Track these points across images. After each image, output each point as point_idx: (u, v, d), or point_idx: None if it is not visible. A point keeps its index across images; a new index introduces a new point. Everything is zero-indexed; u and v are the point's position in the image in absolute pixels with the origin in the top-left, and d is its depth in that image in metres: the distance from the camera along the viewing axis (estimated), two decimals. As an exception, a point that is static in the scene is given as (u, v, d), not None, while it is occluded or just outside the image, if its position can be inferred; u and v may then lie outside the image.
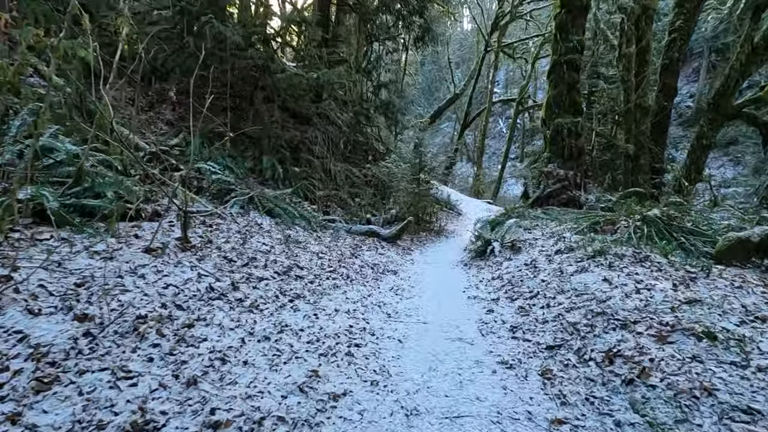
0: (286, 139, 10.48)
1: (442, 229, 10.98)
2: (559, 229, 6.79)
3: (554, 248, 5.66)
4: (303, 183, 9.87)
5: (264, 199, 6.66)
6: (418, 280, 5.37)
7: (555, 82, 9.82)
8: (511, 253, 6.12)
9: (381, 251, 6.65)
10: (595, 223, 6.45)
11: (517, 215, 8.87)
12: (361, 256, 5.91)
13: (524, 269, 5.09)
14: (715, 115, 13.76)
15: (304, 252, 5.11)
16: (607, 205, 8.46)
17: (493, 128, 29.22)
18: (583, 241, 5.53)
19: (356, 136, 13.26)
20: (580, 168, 9.50)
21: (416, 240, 9.20)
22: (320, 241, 6.05)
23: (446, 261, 6.91)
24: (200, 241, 4.27)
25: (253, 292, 3.61)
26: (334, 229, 7.77)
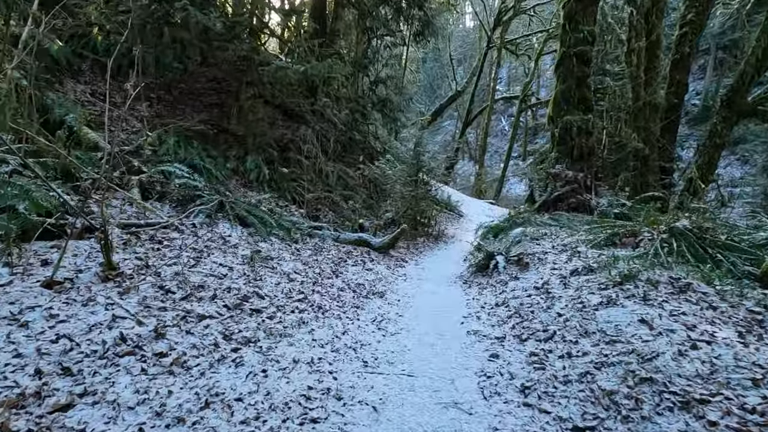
0: (274, 137, 9.55)
1: (441, 233, 10.03)
2: (571, 240, 5.83)
3: (568, 266, 4.71)
4: (291, 185, 8.96)
5: (237, 206, 5.73)
6: (409, 305, 4.43)
7: (563, 77, 8.82)
8: (517, 270, 5.17)
9: (369, 265, 5.71)
10: (614, 235, 5.49)
11: (522, 221, 7.90)
12: (344, 273, 4.97)
13: (534, 294, 4.13)
14: (728, 113, 12.72)
15: (273, 273, 4.18)
16: (622, 211, 7.49)
17: (495, 126, 28.18)
18: (604, 260, 4.58)
19: (352, 134, 12.33)
20: (590, 169, 8.52)
21: (412, 247, 8.25)
22: (298, 255, 5.12)
23: (444, 276, 5.97)
24: (134, 266, 3.35)
25: (185, 339, 2.69)
26: (321, 237, 6.84)
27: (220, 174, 7.70)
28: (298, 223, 7.07)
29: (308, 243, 5.95)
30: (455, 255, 7.82)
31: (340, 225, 8.90)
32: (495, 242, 7.54)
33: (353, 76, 13.03)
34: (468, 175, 25.96)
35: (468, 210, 14.61)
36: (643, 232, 5.39)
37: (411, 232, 9.17)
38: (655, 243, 5.05)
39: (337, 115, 12.47)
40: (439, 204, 13.55)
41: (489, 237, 7.90)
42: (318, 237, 6.80)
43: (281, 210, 8.21)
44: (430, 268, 6.52)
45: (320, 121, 11.93)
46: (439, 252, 8.21)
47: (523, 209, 8.77)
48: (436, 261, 7.19)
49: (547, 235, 6.41)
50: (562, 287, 4.08)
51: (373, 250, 6.74)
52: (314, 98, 10.49)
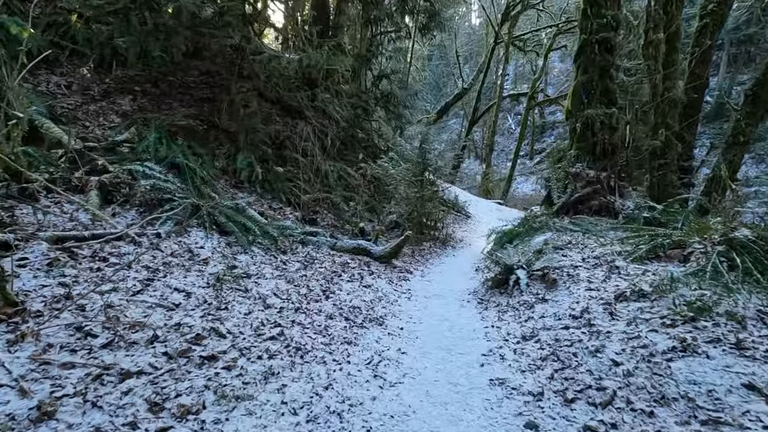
0: (269, 134, 8.65)
1: (448, 237, 9.08)
2: (603, 251, 4.87)
3: (609, 286, 3.76)
4: (286, 185, 8.06)
5: (216, 211, 4.83)
6: (414, 335, 3.49)
7: (584, 66, 7.82)
8: (543, 288, 4.22)
9: (368, 279, 4.79)
10: (656, 246, 4.53)
11: (540, 225, 6.94)
12: (336, 293, 4.04)
13: (573, 327, 3.18)
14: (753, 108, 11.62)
15: (245, 297, 3.27)
16: (653, 215, 6.50)
17: (502, 125, 27.12)
18: (654, 279, 3.62)
19: (355, 131, 11.41)
20: (613, 168, 7.53)
21: (417, 253, 7.32)
22: (283, 270, 4.21)
23: (454, 292, 5.03)
24: (50, 298, 2.45)
25: (86, 418, 1.79)
26: (315, 245, 5.93)
27: (206, 173, 6.81)
28: (291, 229, 6.17)
29: (299, 253, 5.04)
30: (465, 263, 6.87)
31: (339, 228, 8.01)
32: (511, 250, 6.59)
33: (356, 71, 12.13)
34: (474, 174, 24.93)
35: (476, 211, 13.64)
36: (692, 243, 4.43)
37: (417, 236, 8.24)
38: (711, 257, 4.08)
39: (339, 111, 11.57)
40: (446, 205, 12.61)
41: (503, 244, 6.95)
42: (312, 244, 5.90)
43: (274, 213, 7.33)
44: (438, 281, 5.58)
45: (321, 117, 11.03)
46: (447, 260, 7.26)
47: (539, 212, 7.80)
48: (445, 271, 6.25)
49: (572, 244, 5.45)
50: (608, 318, 3.13)
51: (373, 259, 5.82)
52: (313, 92, 9.56)
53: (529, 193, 23.23)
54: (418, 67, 26.70)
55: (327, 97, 11.49)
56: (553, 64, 26.87)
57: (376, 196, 9.77)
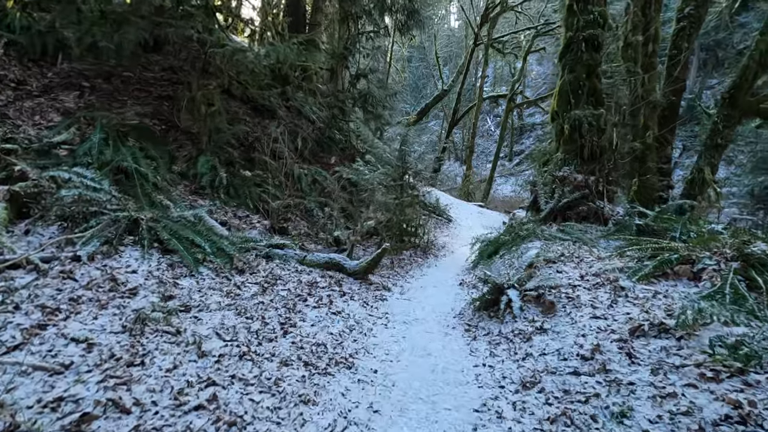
0: (236, 135, 7.84)
1: (429, 244, 8.43)
2: (602, 266, 4.27)
3: (618, 314, 3.14)
4: (254, 191, 7.27)
5: (159, 226, 4.02)
6: (390, 383, 2.78)
7: (571, 65, 7.26)
8: (540, 313, 3.58)
9: (339, 303, 4.06)
10: (663, 262, 3.94)
11: (527, 233, 6.33)
12: (298, 325, 3.30)
13: (584, 373, 2.53)
14: (731, 111, 11.36)
15: (174, 342, 2.50)
16: (646, 222, 5.97)
17: (482, 127, 26.71)
18: (673, 308, 3.02)
19: (332, 132, 10.66)
20: (602, 172, 6.99)
21: (397, 264, 6.63)
22: (236, 296, 3.45)
23: (437, 314, 4.34)
24: None
25: None
26: (282, 259, 5.18)
27: (161, 179, 5.98)
28: (254, 241, 5.40)
29: (259, 272, 4.27)
30: (449, 276, 6.21)
31: (313, 237, 7.26)
32: (497, 262, 5.96)
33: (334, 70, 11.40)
34: (455, 176, 24.43)
35: (457, 214, 13.05)
36: (702, 259, 3.86)
37: (396, 245, 7.55)
38: (727, 276, 3.51)
39: (315, 111, 10.81)
40: (427, 209, 11.97)
41: (489, 254, 6.32)
42: (278, 259, 5.14)
43: (239, 222, 6.53)
44: (419, 299, 4.89)
45: (295, 117, 10.25)
46: (429, 271, 6.59)
47: (526, 218, 7.20)
48: (427, 286, 5.57)
49: (565, 256, 4.83)
50: (626, 362, 2.49)
51: (347, 275, 5.10)
52: (287, 91, 8.77)
53: (510, 195, 22.85)
54: (398, 68, 26.06)
55: (302, 97, 10.73)
56: (531, 67, 26.62)
57: (353, 201, 9.05)
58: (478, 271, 5.72)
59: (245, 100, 9.16)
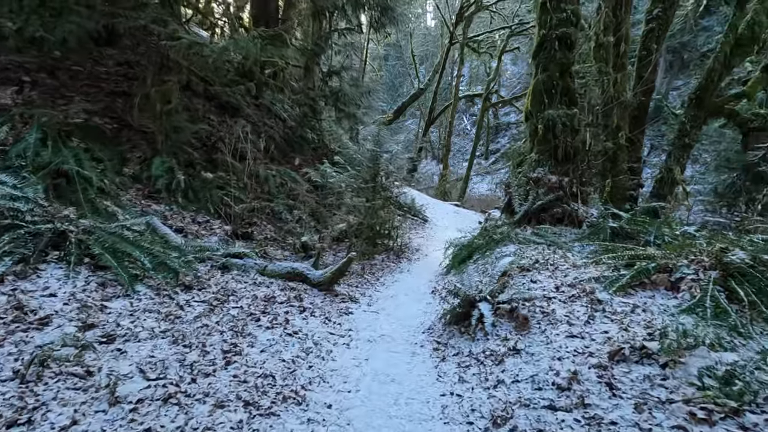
0: (197, 134, 7.33)
1: (403, 247, 8.09)
2: (578, 275, 4.00)
3: (594, 332, 2.85)
4: (216, 194, 6.78)
5: (93, 238, 3.53)
6: (345, 422, 2.40)
7: (544, 64, 7.02)
8: (513, 330, 3.27)
9: (297, 321, 3.66)
10: (640, 272, 3.70)
11: (501, 237, 6.06)
12: (245, 353, 2.88)
13: (561, 408, 2.21)
14: (697, 112, 11.46)
15: (80, 386, 2.06)
16: (621, 225, 5.77)
17: (458, 126, 26.57)
18: (654, 326, 2.75)
19: (304, 131, 10.20)
20: (576, 173, 6.79)
21: (368, 270, 6.26)
22: (176, 319, 3.01)
23: (406, 329, 3.99)
24: None
25: None
26: (241, 269, 4.74)
27: (108, 183, 5.45)
28: (211, 250, 4.94)
29: (210, 287, 3.83)
30: (421, 282, 5.89)
31: (280, 242, 6.83)
32: (470, 268, 5.66)
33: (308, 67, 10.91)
34: (431, 174, 24.21)
35: (433, 214, 12.77)
36: (680, 267, 3.62)
37: (368, 249, 7.18)
38: (707, 287, 3.27)
39: (288, 110, 10.32)
40: (402, 209, 11.64)
41: (463, 259, 6.02)
42: (236, 270, 4.70)
43: (198, 228, 6.05)
44: (388, 310, 4.53)
45: (265, 116, 9.75)
46: (402, 276, 6.25)
47: (500, 221, 6.94)
48: (398, 294, 5.22)
49: (540, 264, 4.56)
50: (607, 393, 2.19)
51: (311, 286, 4.70)
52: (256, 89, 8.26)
53: (486, 193, 22.78)
54: (374, 67, 25.64)
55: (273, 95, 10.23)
56: (505, 66, 26.61)
57: (325, 203, 8.62)
58: (451, 279, 5.41)
59: (209, 97, 8.61)
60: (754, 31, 10.69)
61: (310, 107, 9.62)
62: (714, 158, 22.45)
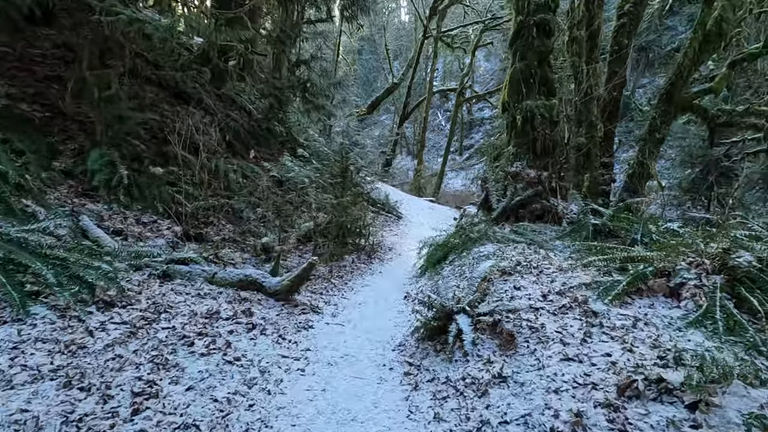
0: (146, 124, 6.52)
1: (376, 246, 7.51)
2: (566, 280, 3.51)
3: (594, 354, 2.35)
4: (165, 191, 6.01)
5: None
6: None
7: (522, 52, 6.54)
8: (497, 349, 2.74)
9: (243, 344, 3.01)
10: (637, 277, 3.24)
11: (479, 235, 5.55)
12: (164, 393, 2.23)
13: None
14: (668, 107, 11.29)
15: None
16: (603, 222, 5.37)
17: (432, 121, 26.12)
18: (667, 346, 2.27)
19: (271, 124, 9.45)
20: (554, 167, 6.36)
21: (336, 274, 5.65)
22: (78, 350, 2.33)
23: (374, 345, 3.41)
24: None
25: None
26: (187, 278, 4.05)
27: (31, 178, 4.64)
28: (150, 255, 4.22)
29: (139, 301, 3.13)
30: (393, 285, 5.32)
31: (240, 244, 6.12)
32: (447, 268, 5.13)
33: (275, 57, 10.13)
34: (406, 170, 23.69)
35: (408, 210, 12.24)
36: (678, 271, 3.18)
37: (337, 250, 6.56)
38: (713, 295, 2.83)
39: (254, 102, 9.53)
40: (376, 205, 11.05)
41: (438, 260, 5.48)
42: (180, 278, 4.01)
43: (143, 229, 5.28)
44: (355, 321, 3.94)
45: (229, 108, 8.94)
46: (373, 279, 5.67)
47: (477, 218, 6.44)
48: (367, 302, 4.63)
49: (523, 267, 4.06)
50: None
51: (267, 296, 4.05)
52: (203, 71, 7.46)
53: (460, 189, 22.45)
54: (348, 61, 24.85)
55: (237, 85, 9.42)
56: (478, 63, 26.31)
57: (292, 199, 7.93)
58: (425, 282, 4.86)
59: (163, 85, 7.75)
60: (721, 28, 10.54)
61: (276, 98, 8.87)
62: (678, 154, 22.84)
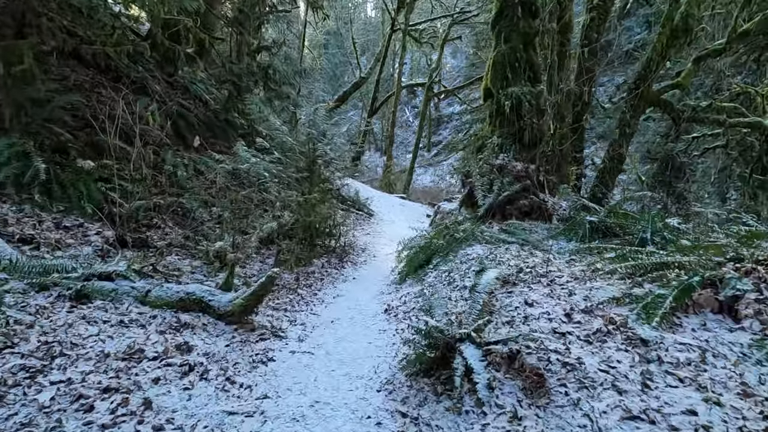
0: (76, 108, 5.39)
1: (348, 248, 6.68)
2: (587, 292, 2.84)
3: (665, 408, 1.67)
4: (95, 188, 4.92)
5: None
6: None
7: (506, 34, 5.88)
8: (522, 395, 2.00)
9: (175, 392, 2.13)
10: (683, 290, 2.59)
11: (465, 235, 4.84)
12: None
13: None
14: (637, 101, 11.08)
15: None
16: (601, 218, 4.79)
17: (400, 117, 25.42)
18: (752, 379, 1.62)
19: (230, 115, 8.40)
20: (542, 160, 5.75)
21: (303, 281, 4.78)
22: None
23: (352, 382, 2.60)
24: None
25: None
26: (110, 298, 3.08)
27: None
28: (62, 270, 3.21)
29: (30, 339, 2.17)
30: (370, 295, 4.52)
31: (191, 249, 5.12)
32: (431, 274, 4.37)
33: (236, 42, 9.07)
34: (375, 166, 22.86)
35: (379, 207, 11.46)
36: (729, 281, 2.56)
37: (304, 253, 5.68)
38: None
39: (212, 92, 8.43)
40: (346, 202, 10.20)
41: (420, 264, 4.72)
42: (102, 298, 3.03)
43: (62, 235, 4.23)
44: (327, 347, 3.11)
45: (182, 96, 7.81)
46: (346, 288, 4.84)
47: (461, 216, 5.73)
48: (341, 318, 3.80)
49: (526, 273, 3.36)
50: None
51: (217, 318, 3.14)
52: (142, 46, 6.35)
53: (429, 185, 21.89)
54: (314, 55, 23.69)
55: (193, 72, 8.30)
56: (445, 60, 25.81)
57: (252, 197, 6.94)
58: (408, 291, 4.08)
59: (104, 68, 6.58)
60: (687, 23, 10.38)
61: (234, 84, 7.82)
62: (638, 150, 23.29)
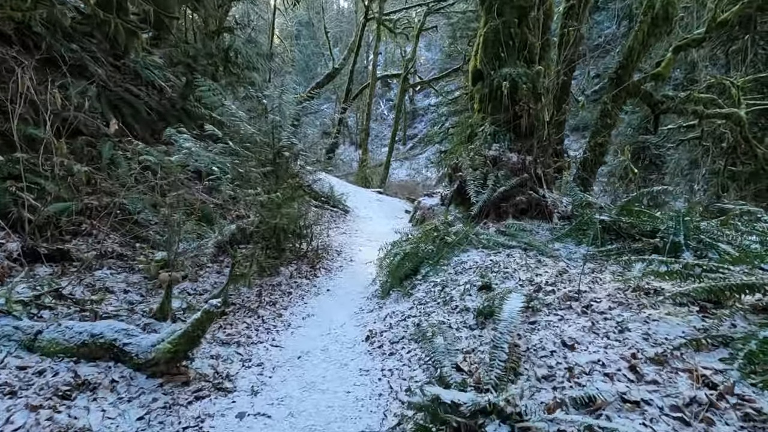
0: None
1: (321, 251, 5.80)
2: (644, 326, 2.11)
3: None
4: (3, 187, 3.84)
5: None
6: None
7: (498, 6, 5.09)
8: None
9: None
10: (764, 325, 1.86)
11: (458, 239, 4.06)
12: None
13: None
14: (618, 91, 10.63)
15: None
16: (612, 216, 4.12)
17: (374, 110, 24.48)
18: None
19: (189, 104, 7.30)
20: (540, 150, 5.03)
21: (266, 295, 3.88)
22: None
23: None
24: None
25: None
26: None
27: None
28: None
29: None
30: (349, 316, 3.67)
31: (129, 260, 4.14)
32: (420, 287, 3.57)
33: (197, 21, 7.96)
34: (350, 160, 21.89)
35: (355, 203, 10.57)
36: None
37: (269, 261, 4.76)
38: None
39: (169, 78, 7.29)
40: (319, 199, 9.28)
41: (406, 275, 3.90)
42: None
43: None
44: (291, 405, 2.25)
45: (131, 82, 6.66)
46: (318, 305, 3.97)
47: (451, 216, 4.93)
48: (312, 351, 2.94)
49: (548, 293, 2.61)
50: None
51: (136, 369, 2.23)
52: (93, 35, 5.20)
53: (405, 179, 21.14)
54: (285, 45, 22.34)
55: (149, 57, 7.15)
56: (420, 52, 24.99)
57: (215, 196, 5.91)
58: (394, 309, 3.26)
59: (31, 47, 5.38)
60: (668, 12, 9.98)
61: (188, 66, 6.73)
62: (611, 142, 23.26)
